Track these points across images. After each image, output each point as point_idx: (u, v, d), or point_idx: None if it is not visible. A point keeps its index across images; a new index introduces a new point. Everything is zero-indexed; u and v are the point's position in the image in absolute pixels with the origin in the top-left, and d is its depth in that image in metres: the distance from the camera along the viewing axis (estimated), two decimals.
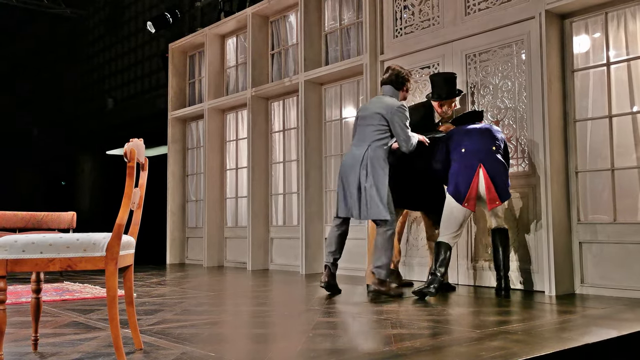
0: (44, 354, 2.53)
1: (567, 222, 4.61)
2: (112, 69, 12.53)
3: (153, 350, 2.57)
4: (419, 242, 5.60)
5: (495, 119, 5.09)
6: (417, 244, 5.62)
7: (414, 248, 5.63)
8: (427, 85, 5.65)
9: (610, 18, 4.54)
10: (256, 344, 2.83)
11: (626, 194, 4.38)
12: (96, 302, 4.26)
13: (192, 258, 8.77)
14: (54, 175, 13.55)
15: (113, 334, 2.31)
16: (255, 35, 7.65)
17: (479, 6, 5.28)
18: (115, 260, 2.33)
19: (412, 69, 5.75)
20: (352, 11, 6.69)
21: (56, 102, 14.16)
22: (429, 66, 5.65)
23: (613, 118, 4.47)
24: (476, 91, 5.25)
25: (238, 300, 4.62)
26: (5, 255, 2.26)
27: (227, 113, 8.47)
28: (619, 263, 4.35)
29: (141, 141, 2.56)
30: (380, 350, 2.57)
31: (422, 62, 5.70)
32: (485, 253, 5.06)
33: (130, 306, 2.60)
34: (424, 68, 5.70)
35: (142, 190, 2.66)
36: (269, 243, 7.50)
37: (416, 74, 5.75)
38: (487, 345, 2.62)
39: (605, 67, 4.54)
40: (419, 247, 5.59)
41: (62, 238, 2.31)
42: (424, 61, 5.68)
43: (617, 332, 2.97)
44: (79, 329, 3.14)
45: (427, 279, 4.47)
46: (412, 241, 5.65)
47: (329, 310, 3.80)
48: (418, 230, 5.61)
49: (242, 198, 8.07)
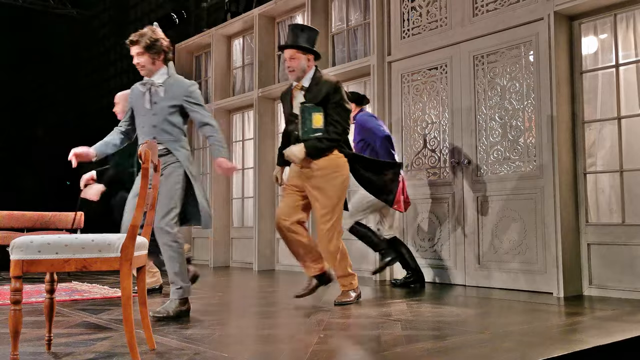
0: (58, 354, 2.55)
1: (576, 223, 4.61)
2: (118, 69, 12.56)
3: (167, 351, 2.58)
4: (426, 243, 5.61)
5: (503, 120, 5.09)
6: (424, 245, 5.62)
7: (421, 249, 5.63)
8: (435, 86, 5.66)
9: (619, 19, 4.54)
10: (268, 345, 2.85)
11: (635, 196, 4.38)
12: (106, 302, 4.28)
13: (199, 258, 8.79)
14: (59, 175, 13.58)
15: (127, 334, 2.33)
16: (261, 36, 7.67)
17: (487, 7, 5.28)
18: (129, 261, 2.34)
19: (420, 70, 5.78)
20: (359, 12, 6.70)
21: (62, 102, 14.20)
22: (437, 67, 5.65)
23: (622, 119, 4.47)
24: (484, 92, 5.26)
25: (246, 300, 4.63)
26: (22, 256, 2.28)
27: (234, 113, 8.49)
28: (627, 265, 4.35)
29: (155, 142, 2.58)
30: (392, 351, 2.58)
31: (430, 64, 5.71)
32: (493, 254, 5.06)
33: (143, 306, 2.62)
34: (431, 69, 5.71)
35: (155, 192, 2.67)
36: (275, 243, 7.51)
37: (423, 75, 5.76)
38: (497, 347, 2.62)
39: (614, 68, 4.54)
40: (427, 248, 5.60)
41: (77, 239, 2.33)
42: (432, 62, 5.69)
43: (626, 334, 2.97)
44: (91, 329, 3.16)
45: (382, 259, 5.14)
46: (419, 242, 5.66)
47: (338, 310, 3.81)
48: (423, 230, 5.62)
49: (248, 198, 8.08)
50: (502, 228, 5.02)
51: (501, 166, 5.09)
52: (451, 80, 5.50)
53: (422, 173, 5.73)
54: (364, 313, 3.74)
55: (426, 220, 5.61)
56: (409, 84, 5.88)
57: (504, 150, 5.07)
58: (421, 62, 5.76)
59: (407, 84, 5.89)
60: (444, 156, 5.56)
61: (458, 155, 5.36)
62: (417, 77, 5.82)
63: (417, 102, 5.81)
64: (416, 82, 5.82)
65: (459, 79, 5.42)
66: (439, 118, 5.62)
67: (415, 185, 5.70)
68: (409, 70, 5.87)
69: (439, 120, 5.62)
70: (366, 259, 6.15)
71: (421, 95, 5.77)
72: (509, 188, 4.99)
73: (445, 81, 5.56)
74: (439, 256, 5.48)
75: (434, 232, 5.55)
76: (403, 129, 5.89)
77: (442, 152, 5.58)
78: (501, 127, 5.10)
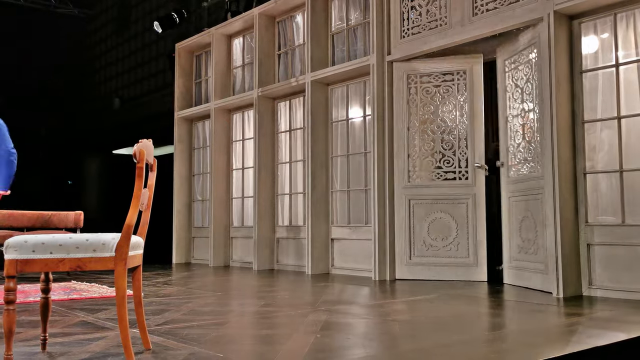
0: (52, 353, 2.54)
1: (575, 223, 4.59)
2: (119, 69, 12.56)
3: (162, 351, 2.57)
4: (438, 242, 5.61)
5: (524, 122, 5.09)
6: (436, 244, 5.63)
7: (432, 248, 5.65)
8: (449, 91, 5.71)
9: (620, 19, 4.52)
10: (263, 345, 2.83)
11: (635, 196, 4.36)
12: (104, 302, 4.27)
13: (198, 258, 8.79)
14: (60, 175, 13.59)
15: (122, 334, 2.32)
16: (262, 35, 7.66)
17: (487, 7, 5.26)
18: (124, 260, 2.33)
19: (432, 73, 5.81)
20: (359, 11, 6.69)
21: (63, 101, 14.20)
22: (452, 72, 5.76)
23: (622, 119, 4.45)
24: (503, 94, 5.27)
25: (244, 300, 4.62)
26: (16, 256, 2.27)
27: (234, 113, 8.48)
28: (627, 265, 4.32)
29: (150, 142, 2.57)
30: (389, 352, 2.56)
31: (444, 69, 5.79)
32: (524, 254, 5.05)
33: (138, 306, 2.61)
34: (446, 74, 5.76)
35: (151, 191, 2.66)
36: (274, 243, 7.51)
37: (436, 79, 5.79)
38: (496, 347, 2.61)
39: (614, 68, 4.52)
40: (439, 247, 5.59)
41: (71, 238, 2.32)
42: (446, 68, 5.78)
43: (625, 334, 2.95)
44: (87, 329, 3.15)
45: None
46: (430, 241, 5.65)
47: (335, 311, 3.80)
48: (433, 229, 5.61)
49: (248, 198, 8.07)
50: (515, 227, 5.05)
51: (522, 166, 5.13)
52: (471, 85, 5.69)
53: (432, 174, 5.78)
54: (361, 313, 3.72)
55: (437, 220, 5.63)
56: (416, 85, 5.88)
57: (523, 151, 5.09)
58: (435, 66, 5.82)
59: (415, 85, 5.88)
60: (460, 157, 5.67)
61: (479, 158, 5.56)
62: (426, 80, 5.85)
63: (428, 105, 5.82)
64: (426, 85, 5.84)
65: (479, 84, 5.66)
66: (455, 122, 5.73)
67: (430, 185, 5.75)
68: (416, 72, 5.89)
69: (455, 124, 5.73)
70: (367, 259, 6.14)
71: (432, 97, 5.79)
72: (522, 189, 5.01)
73: (464, 87, 5.71)
74: (454, 255, 5.55)
75: (448, 232, 5.61)
76: (409, 129, 5.88)
77: (456, 154, 5.70)
78: (521, 129, 5.12)
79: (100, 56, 13.21)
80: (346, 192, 6.64)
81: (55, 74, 14.27)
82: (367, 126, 6.45)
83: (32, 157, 13.03)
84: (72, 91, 14.15)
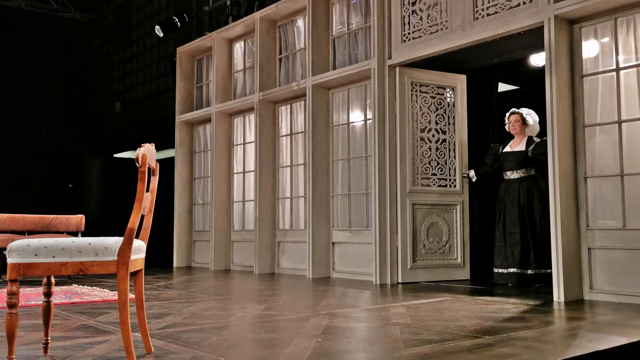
0: (54, 357, 2.55)
1: (576, 227, 4.59)
2: (120, 73, 12.59)
3: (163, 355, 2.58)
4: (434, 245, 5.65)
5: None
6: (433, 247, 5.69)
7: (430, 251, 5.73)
8: (442, 103, 5.85)
9: (620, 23, 4.53)
10: (265, 349, 2.84)
11: (636, 200, 4.36)
12: (105, 305, 4.28)
13: (199, 261, 8.79)
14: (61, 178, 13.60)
15: (124, 338, 2.32)
16: (263, 40, 7.68)
17: (488, 11, 5.28)
18: (126, 264, 2.34)
19: (429, 84, 5.98)
20: (360, 16, 6.71)
21: (64, 104, 14.23)
22: (445, 87, 5.85)
23: (622, 123, 4.46)
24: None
25: (246, 304, 4.62)
26: (18, 259, 2.27)
27: (235, 117, 8.49)
28: (628, 269, 4.33)
29: (152, 146, 2.58)
30: (390, 356, 2.57)
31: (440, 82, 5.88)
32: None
33: (140, 310, 2.61)
34: (439, 87, 5.93)
35: (153, 195, 2.67)
36: (275, 247, 7.51)
37: (432, 90, 5.91)
38: (497, 352, 2.61)
39: (615, 72, 4.53)
40: (435, 250, 5.60)
41: (74, 242, 2.32)
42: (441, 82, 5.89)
43: (627, 339, 2.96)
44: (89, 332, 3.15)
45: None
46: (429, 244, 5.68)
47: (336, 315, 3.80)
48: (431, 233, 5.62)
49: (249, 202, 8.08)
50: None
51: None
52: (461, 100, 6.06)
53: (429, 180, 5.97)
54: (362, 317, 3.73)
55: (435, 224, 5.79)
56: (417, 93, 5.99)
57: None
58: (431, 78, 6.02)
59: (416, 94, 5.99)
60: (450, 166, 5.93)
61: (465, 168, 5.94)
62: (424, 90, 6.05)
63: (426, 114, 5.99)
64: (424, 95, 6.05)
65: (464, 101, 6.07)
66: (446, 133, 6.05)
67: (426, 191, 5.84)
68: (416, 80, 6.05)
69: (446, 135, 6.04)
70: (367, 263, 6.14)
71: (429, 107, 5.92)
72: None
73: (452, 101, 6.04)
74: (446, 257, 5.80)
75: (442, 236, 5.83)
76: (412, 134, 5.96)
77: (447, 163, 5.96)
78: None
79: (102, 60, 13.24)
80: (347, 195, 6.65)
81: (56, 77, 14.31)
82: (367, 130, 6.46)
83: (33, 160, 13.07)
84: (73, 94, 14.18)
